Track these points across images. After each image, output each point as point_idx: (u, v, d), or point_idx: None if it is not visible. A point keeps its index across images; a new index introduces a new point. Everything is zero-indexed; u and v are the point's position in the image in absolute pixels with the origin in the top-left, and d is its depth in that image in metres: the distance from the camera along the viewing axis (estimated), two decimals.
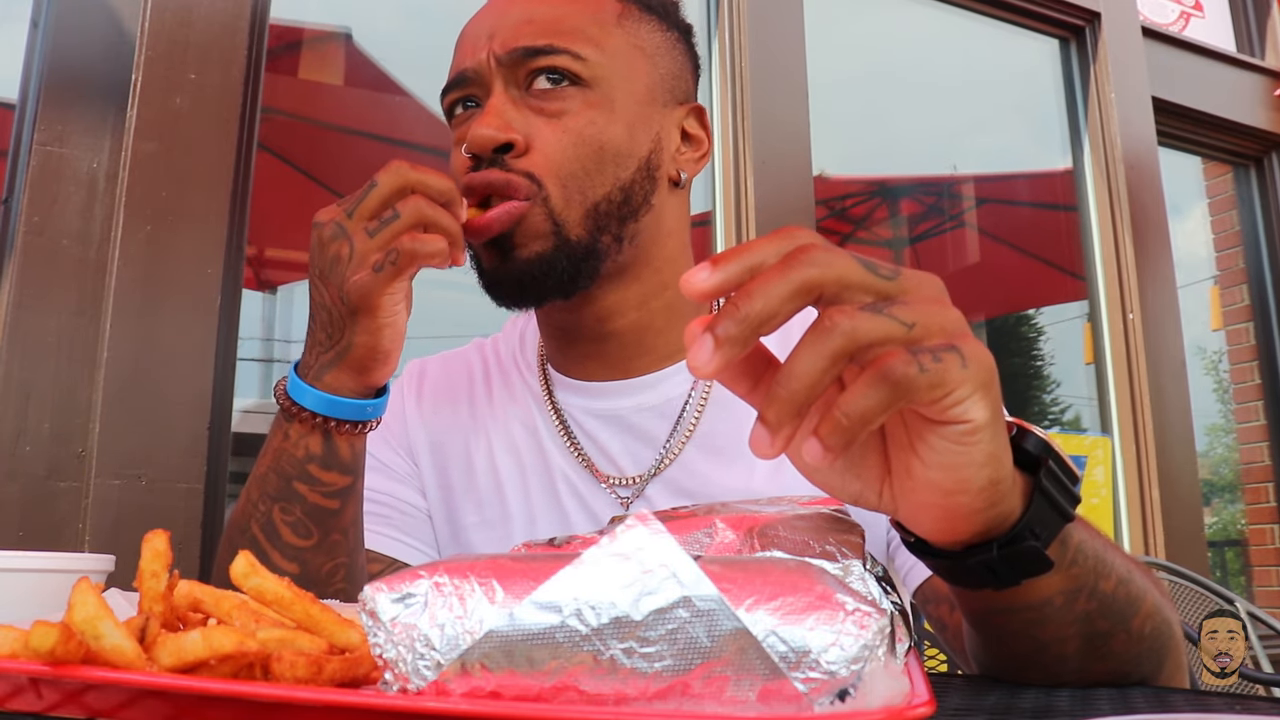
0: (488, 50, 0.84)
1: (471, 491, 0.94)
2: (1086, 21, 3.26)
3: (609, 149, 0.83)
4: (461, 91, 0.87)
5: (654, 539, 0.39)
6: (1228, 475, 4.40)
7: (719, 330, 0.42)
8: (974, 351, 0.45)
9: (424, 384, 1.01)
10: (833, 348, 0.42)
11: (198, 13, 1.89)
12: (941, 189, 3.87)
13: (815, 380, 0.42)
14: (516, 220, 0.81)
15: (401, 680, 0.38)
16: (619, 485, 0.89)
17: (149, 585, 0.46)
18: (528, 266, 0.82)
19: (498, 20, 0.86)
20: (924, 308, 0.44)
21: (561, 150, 0.82)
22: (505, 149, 0.81)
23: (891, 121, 3.55)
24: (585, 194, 0.82)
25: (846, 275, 0.44)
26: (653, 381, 0.90)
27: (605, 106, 0.84)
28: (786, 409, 0.42)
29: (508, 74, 0.84)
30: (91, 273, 1.78)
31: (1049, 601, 0.57)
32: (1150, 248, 3.14)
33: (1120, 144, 3.16)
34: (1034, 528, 0.52)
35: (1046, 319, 4.73)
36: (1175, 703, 0.54)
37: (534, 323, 1.00)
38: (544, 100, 0.83)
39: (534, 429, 0.93)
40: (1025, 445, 0.53)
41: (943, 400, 0.44)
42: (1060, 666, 0.61)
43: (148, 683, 0.39)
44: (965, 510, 0.50)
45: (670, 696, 0.37)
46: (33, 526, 1.66)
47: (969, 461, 0.47)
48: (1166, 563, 2.65)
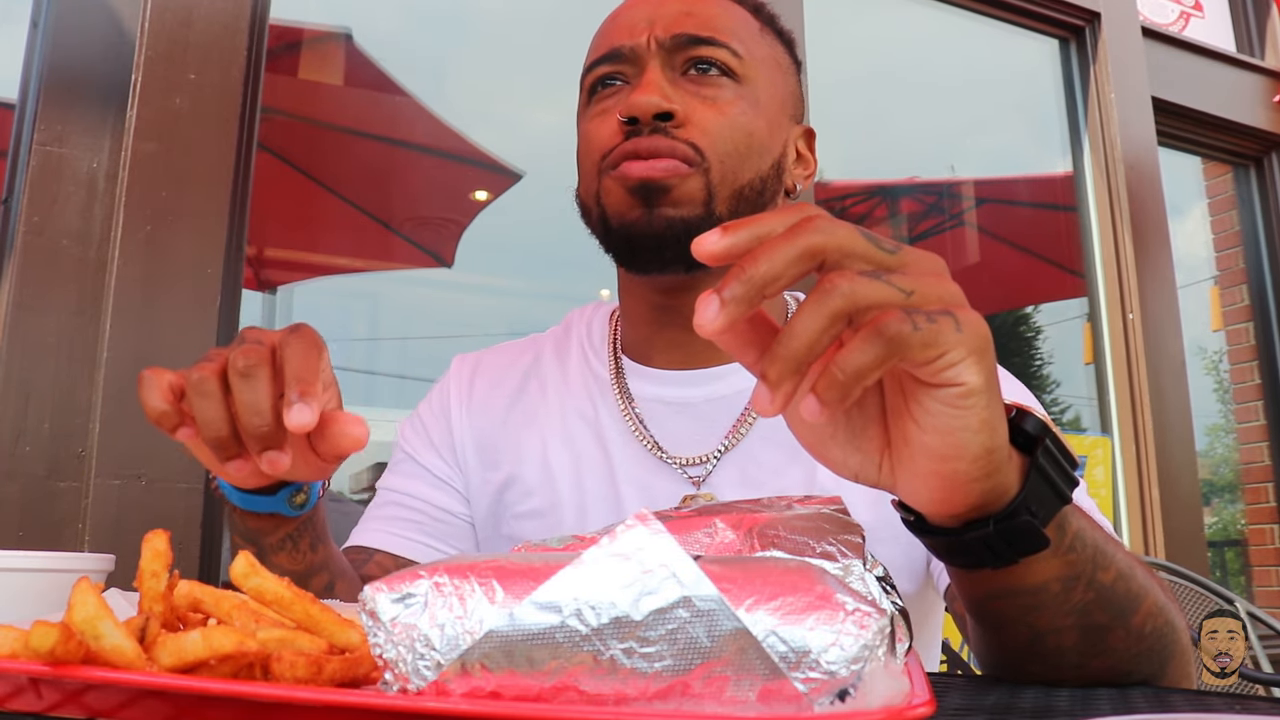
0: (648, 34, 0.88)
1: (521, 483, 0.94)
2: (1086, 21, 3.26)
3: (756, 139, 0.88)
4: (612, 66, 0.90)
5: (654, 539, 0.39)
6: (1228, 475, 4.40)
7: (725, 291, 0.44)
8: (969, 318, 0.46)
9: (475, 378, 1.01)
10: (832, 308, 0.43)
11: (198, 13, 1.89)
12: (941, 189, 3.87)
13: (814, 339, 0.43)
14: (681, 178, 0.84)
15: (401, 680, 0.38)
16: (689, 465, 0.90)
17: (149, 585, 0.46)
18: (674, 226, 0.84)
19: (656, 9, 0.90)
20: (923, 278, 0.46)
21: (718, 130, 0.86)
22: (665, 118, 0.84)
23: (891, 121, 3.56)
24: (736, 175, 0.86)
25: (849, 244, 0.45)
26: (724, 373, 0.92)
27: (753, 101, 0.89)
28: (787, 366, 0.43)
29: (666, 57, 0.88)
30: (91, 273, 1.78)
31: (1045, 587, 0.58)
32: (1150, 248, 3.14)
33: (1120, 144, 3.16)
34: (1030, 505, 0.53)
35: (1046, 319, 4.74)
36: (1175, 702, 0.54)
37: (602, 312, 1.02)
38: (700, 85, 0.87)
39: (593, 418, 0.94)
40: (1024, 426, 0.54)
41: (936, 361, 0.46)
42: (1059, 660, 0.61)
43: (148, 683, 0.39)
44: (962, 479, 0.50)
45: (670, 696, 0.37)
46: (33, 526, 1.66)
47: (964, 425, 0.48)
48: (1166, 563, 2.65)
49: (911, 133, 3.61)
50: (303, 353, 0.59)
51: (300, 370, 0.58)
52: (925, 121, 3.59)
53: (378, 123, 3.15)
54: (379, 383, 3.55)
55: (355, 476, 3.26)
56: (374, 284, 3.73)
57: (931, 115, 3.58)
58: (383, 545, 0.94)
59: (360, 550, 0.95)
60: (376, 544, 0.95)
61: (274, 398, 0.58)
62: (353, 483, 3.28)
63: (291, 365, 0.58)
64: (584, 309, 1.05)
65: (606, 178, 0.87)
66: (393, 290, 3.80)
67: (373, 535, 0.95)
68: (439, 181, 3.39)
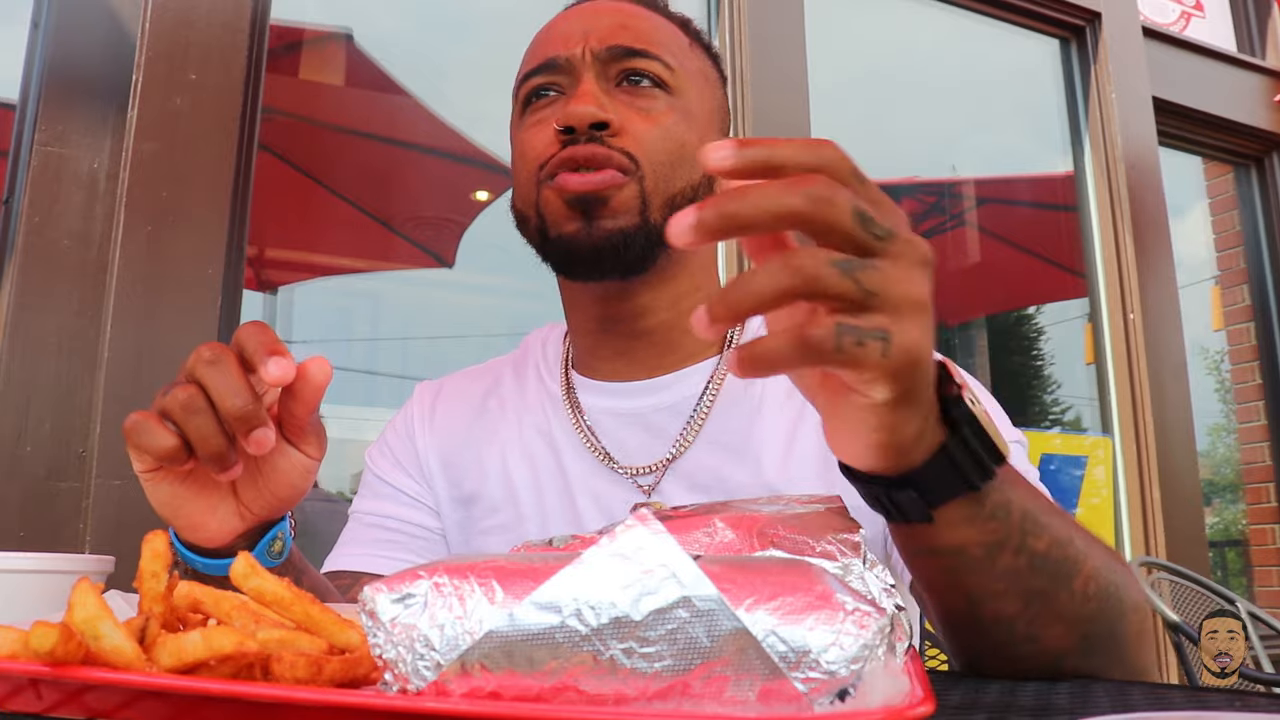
0: (583, 45, 0.89)
1: (485, 498, 0.96)
2: (1087, 21, 3.26)
3: (688, 148, 0.89)
4: (547, 77, 0.91)
5: (654, 539, 0.39)
6: (1229, 475, 4.40)
7: (702, 212, 0.44)
8: (904, 340, 0.47)
9: (437, 402, 1.04)
10: (788, 285, 0.44)
11: (198, 13, 1.89)
12: (942, 189, 3.87)
13: (760, 302, 0.44)
14: (617, 188, 0.85)
15: (401, 680, 0.38)
16: (639, 474, 0.91)
17: (149, 586, 0.47)
18: (611, 237, 0.85)
19: (591, 22, 0.92)
20: (892, 282, 0.46)
21: (652, 139, 0.87)
22: (601, 127, 0.86)
23: (891, 121, 3.55)
24: (670, 183, 0.88)
25: (837, 221, 0.45)
26: (671, 381, 0.93)
27: (685, 112, 0.91)
28: (728, 311, 0.44)
29: (601, 68, 0.89)
30: (92, 273, 1.78)
31: (963, 550, 0.60)
32: (1151, 248, 3.14)
33: (1121, 144, 3.16)
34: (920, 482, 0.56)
35: (1047, 319, 4.74)
36: (1174, 700, 0.54)
37: (556, 332, 1.04)
38: (634, 95, 0.89)
39: (548, 432, 0.96)
40: (951, 411, 0.56)
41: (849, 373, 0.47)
42: (1010, 632, 0.63)
43: (147, 683, 0.39)
44: (859, 451, 0.54)
45: (670, 696, 0.37)
46: (33, 527, 1.66)
47: (861, 422, 0.51)
48: (1167, 563, 2.65)
49: (911, 133, 3.60)
50: (255, 329, 0.64)
51: (259, 341, 0.63)
52: (925, 122, 3.59)
53: (378, 123, 3.15)
54: (379, 383, 3.55)
55: (356, 477, 3.26)
56: (374, 284, 3.73)
57: (932, 115, 3.58)
58: (366, 568, 0.96)
59: (344, 575, 0.96)
60: (359, 567, 0.96)
61: (245, 377, 0.62)
62: (354, 483, 3.28)
63: (250, 342, 0.63)
64: (540, 330, 1.07)
65: (545, 188, 0.88)
66: (393, 290, 3.80)
67: (353, 559, 0.97)
68: (439, 181, 3.40)
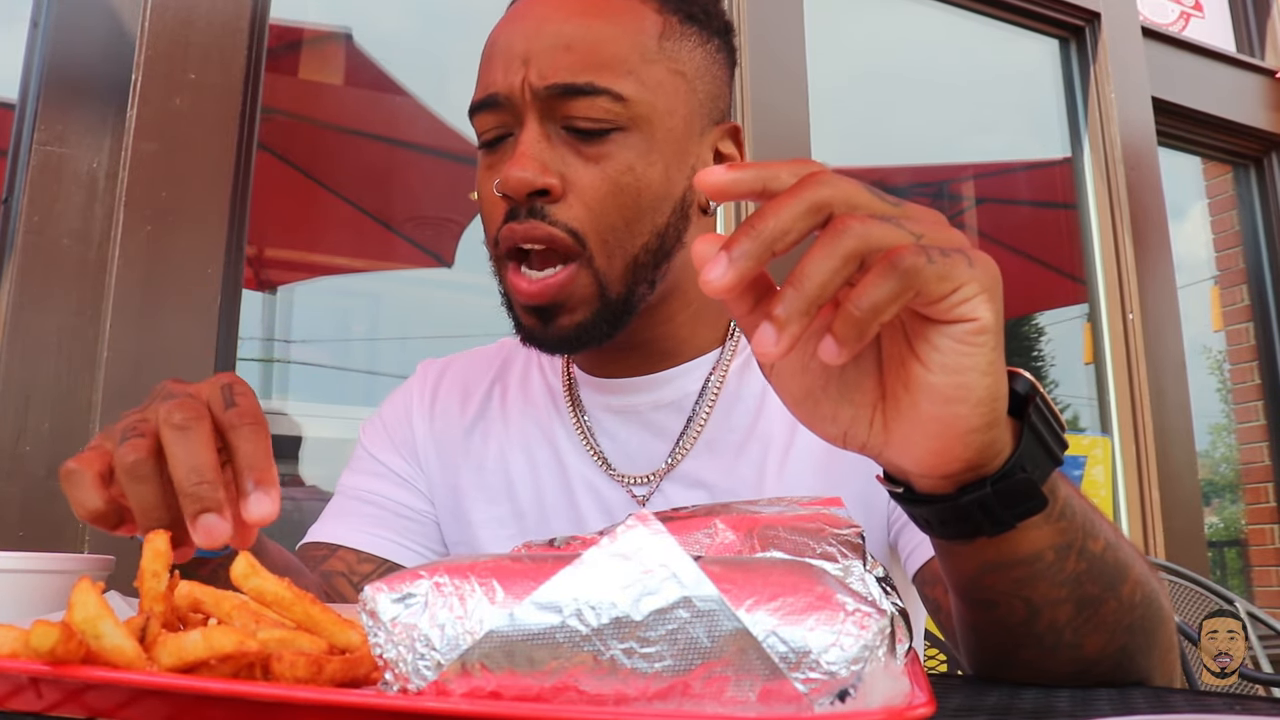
0: (522, 78, 0.80)
1: (481, 489, 0.94)
2: (1086, 21, 3.26)
3: (646, 196, 0.81)
4: (493, 117, 0.83)
5: (654, 539, 0.39)
6: (1228, 475, 4.40)
7: (734, 249, 0.43)
8: (980, 257, 0.47)
9: (440, 383, 1.01)
10: (846, 248, 0.44)
11: (198, 13, 1.89)
12: (941, 189, 3.87)
13: (827, 279, 0.43)
14: (568, 288, 0.80)
15: (402, 680, 0.38)
16: (634, 484, 0.89)
17: (150, 585, 0.47)
18: (569, 332, 0.82)
19: (531, 40, 0.81)
20: (931, 225, 0.47)
21: (600, 200, 0.80)
22: (542, 194, 0.79)
23: (891, 122, 3.55)
24: (625, 247, 0.81)
25: (855, 197, 0.46)
26: (670, 377, 0.90)
27: (644, 149, 0.81)
28: (798, 306, 0.43)
29: (543, 107, 0.80)
30: (91, 273, 1.78)
31: (1039, 556, 0.57)
32: (1150, 248, 3.14)
33: (1120, 144, 3.16)
34: (1025, 463, 0.53)
35: (1046, 319, 4.74)
36: (1175, 703, 0.54)
37: None
38: (582, 142, 0.80)
39: (549, 427, 0.94)
40: (1014, 386, 0.53)
41: (950, 296, 0.46)
42: (1055, 639, 0.60)
43: (148, 683, 0.39)
44: (963, 427, 0.50)
45: (670, 697, 0.37)
46: (33, 527, 1.66)
47: (973, 365, 0.48)
48: (1166, 563, 2.65)
49: (911, 132, 3.60)
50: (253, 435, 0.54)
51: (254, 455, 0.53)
52: (925, 122, 3.59)
53: (378, 123, 3.14)
54: (379, 383, 3.55)
55: None
56: (374, 284, 3.73)
57: (932, 115, 3.58)
58: (345, 540, 0.93)
59: (321, 545, 0.94)
60: (339, 539, 0.94)
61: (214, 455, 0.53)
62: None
63: (244, 449, 0.53)
64: None
65: (503, 265, 0.84)
66: (393, 290, 3.79)
67: (335, 531, 0.95)
68: (439, 181, 3.39)
